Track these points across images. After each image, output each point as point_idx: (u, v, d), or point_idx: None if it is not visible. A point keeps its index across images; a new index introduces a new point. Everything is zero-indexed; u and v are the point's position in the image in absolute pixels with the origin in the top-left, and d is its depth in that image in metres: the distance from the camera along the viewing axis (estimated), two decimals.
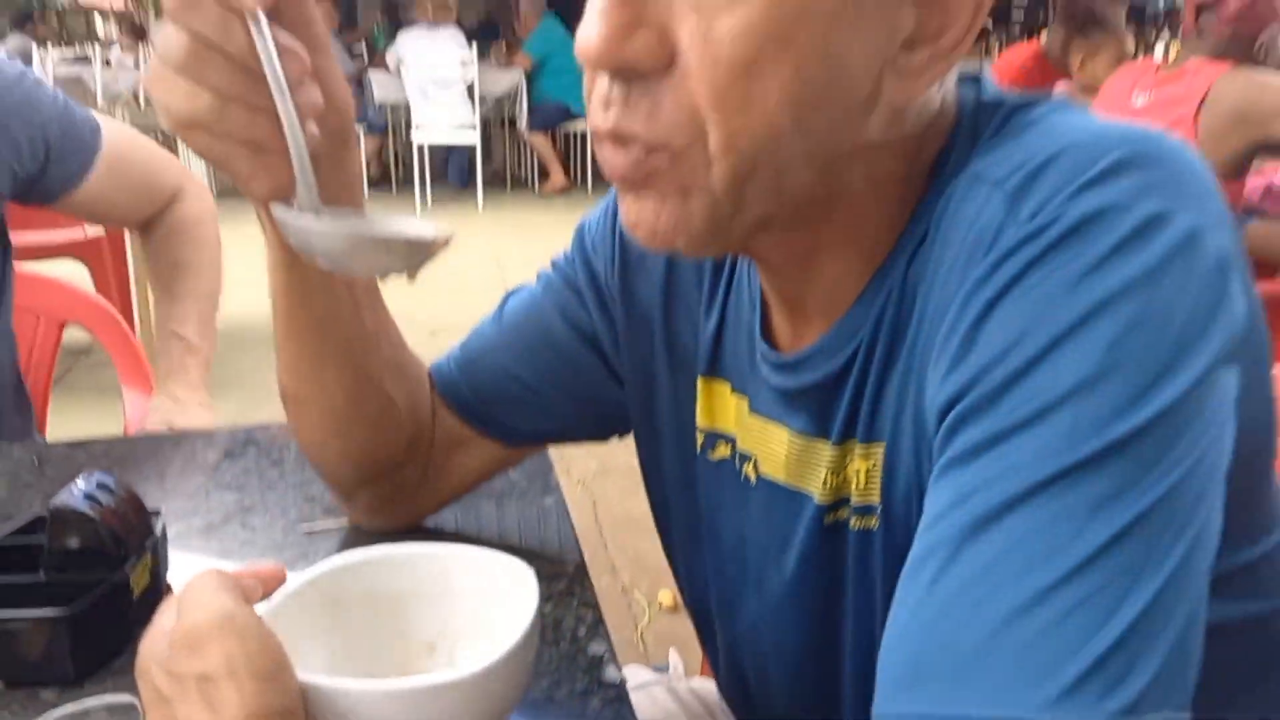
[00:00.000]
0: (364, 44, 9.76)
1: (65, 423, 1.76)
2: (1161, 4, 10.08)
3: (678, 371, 0.75)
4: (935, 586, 0.45)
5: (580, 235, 0.81)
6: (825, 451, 0.62)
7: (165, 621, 0.51)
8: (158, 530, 0.74)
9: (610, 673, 0.70)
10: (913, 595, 0.46)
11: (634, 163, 0.54)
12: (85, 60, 8.53)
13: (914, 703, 0.43)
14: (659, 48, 0.51)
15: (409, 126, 7.02)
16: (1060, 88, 3.28)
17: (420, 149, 6.91)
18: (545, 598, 0.75)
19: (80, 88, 7.75)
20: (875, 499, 0.59)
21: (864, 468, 0.60)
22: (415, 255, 0.59)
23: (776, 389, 0.65)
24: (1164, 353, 0.45)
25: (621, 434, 0.84)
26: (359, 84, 8.05)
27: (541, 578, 0.77)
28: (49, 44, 10.56)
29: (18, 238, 1.34)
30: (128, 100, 7.73)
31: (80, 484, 0.70)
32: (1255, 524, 0.58)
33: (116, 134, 1.34)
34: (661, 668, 1.00)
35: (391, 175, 8.21)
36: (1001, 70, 3.73)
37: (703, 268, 0.72)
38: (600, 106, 0.54)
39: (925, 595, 0.45)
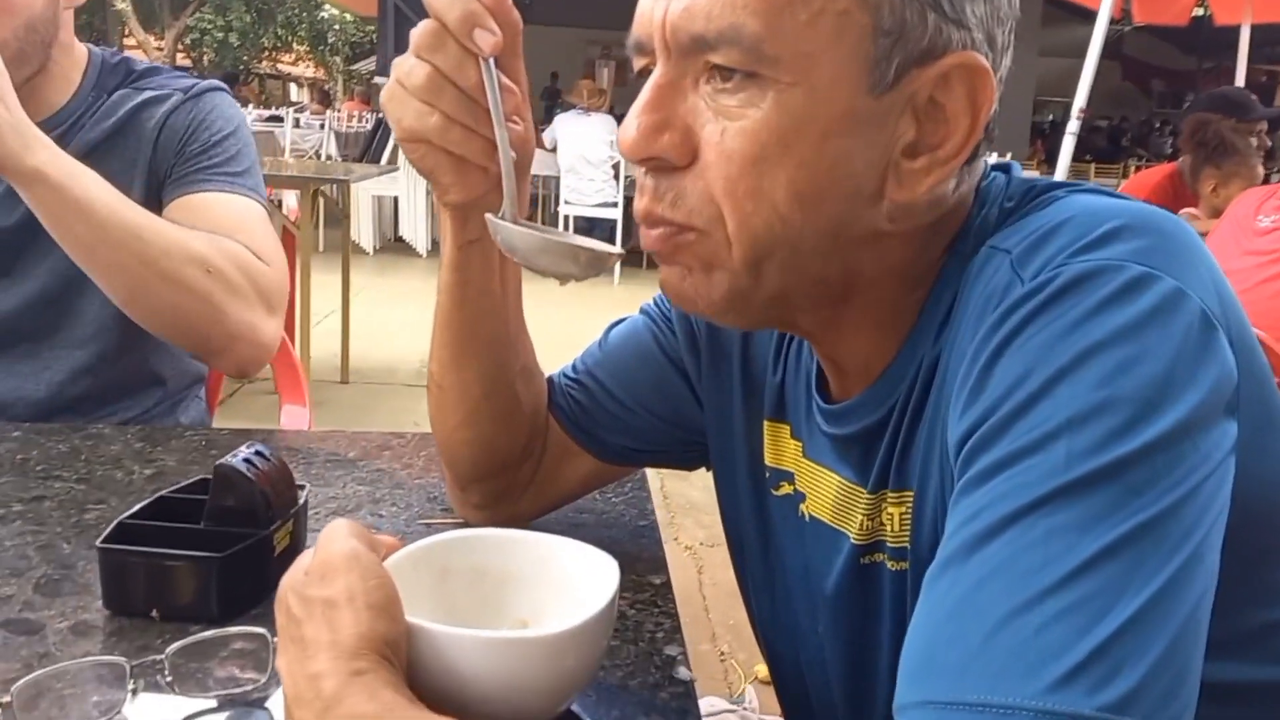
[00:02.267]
0: None
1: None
2: None
3: (750, 411, 0.83)
4: (946, 592, 0.50)
5: None
6: (862, 498, 0.69)
7: (303, 560, 0.60)
8: (301, 500, 0.84)
9: (681, 672, 0.75)
10: (928, 600, 0.51)
11: (661, 237, 0.65)
12: (279, 120, 9.21)
13: (924, 692, 0.49)
14: (683, 146, 0.62)
15: (558, 199, 7.51)
16: (1189, 211, 3.28)
17: (566, 219, 7.22)
18: (630, 604, 0.83)
19: (272, 142, 8.39)
20: (908, 543, 0.66)
21: (897, 514, 0.67)
22: (592, 263, 0.71)
23: (827, 435, 0.73)
24: (1151, 391, 0.50)
25: (707, 466, 0.91)
26: None
27: (628, 587, 0.85)
28: (250, 104, 11.44)
29: None
30: (309, 155, 8.30)
31: (243, 451, 0.81)
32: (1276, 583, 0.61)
33: (249, 205, 1.30)
34: (739, 700, 1.05)
35: None
36: (1133, 189, 3.73)
37: None
38: (638, 193, 0.66)
39: (938, 600, 0.51)
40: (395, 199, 8.29)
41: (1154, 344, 0.51)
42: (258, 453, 0.82)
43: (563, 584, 0.69)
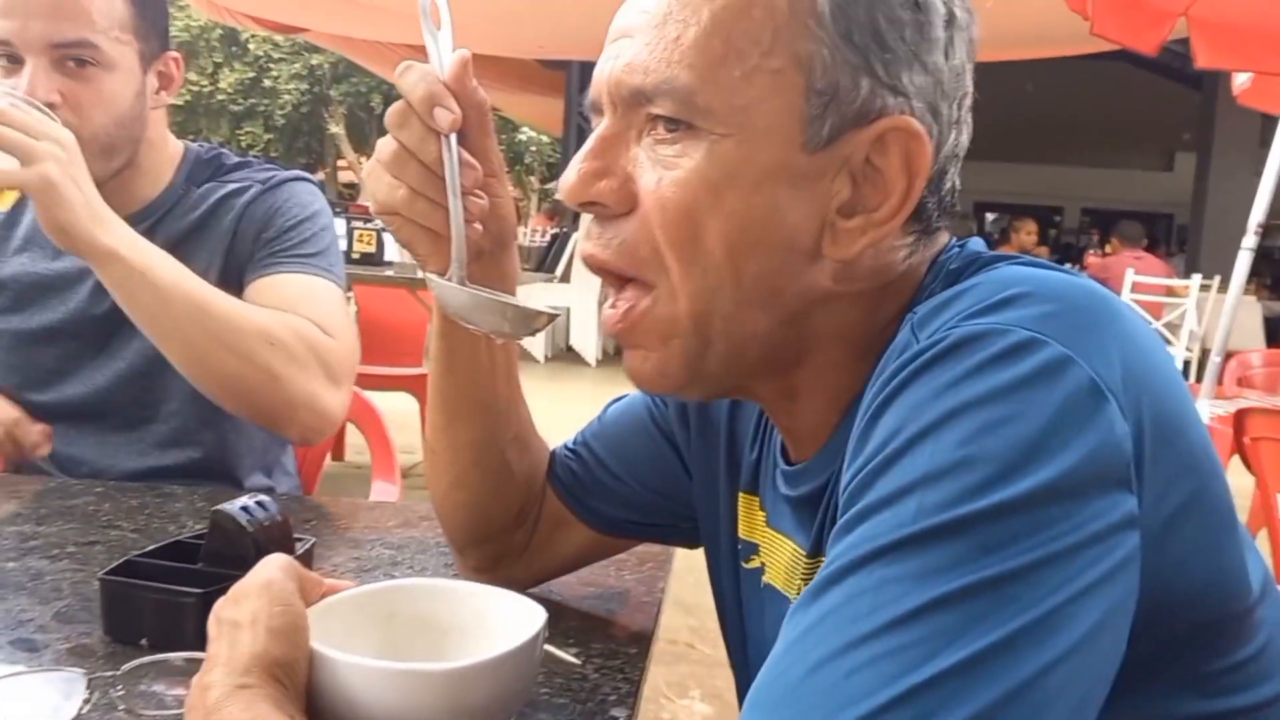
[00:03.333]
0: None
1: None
2: None
3: (731, 484, 0.84)
4: (787, 633, 0.51)
5: None
6: (802, 562, 0.70)
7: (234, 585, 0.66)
8: (298, 552, 0.90)
9: None
10: (779, 641, 0.52)
11: (623, 314, 0.67)
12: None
13: None
14: (620, 192, 0.66)
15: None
16: None
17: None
18: (597, 669, 0.84)
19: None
20: None
21: None
22: (521, 321, 0.76)
23: (785, 499, 0.73)
24: (1013, 454, 0.49)
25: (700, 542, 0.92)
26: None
27: (600, 653, 0.86)
28: None
29: (369, 371, 1.53)
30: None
31: (243, 500, 0.88)
32: (1231, 675, 0.57)
33: (322, 284, 1.36)
34: None
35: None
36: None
37: None
38: (584, 238, 0.69)
39: (781, 639, 0.51)
40: (568, 309, 8.61)
41: (1025, 408, 0.50)
42: (258, 503, 0.88)
43: (497, 634, 0.71)
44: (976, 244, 0.69)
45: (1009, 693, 0.45)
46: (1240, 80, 5.45)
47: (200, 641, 0.80)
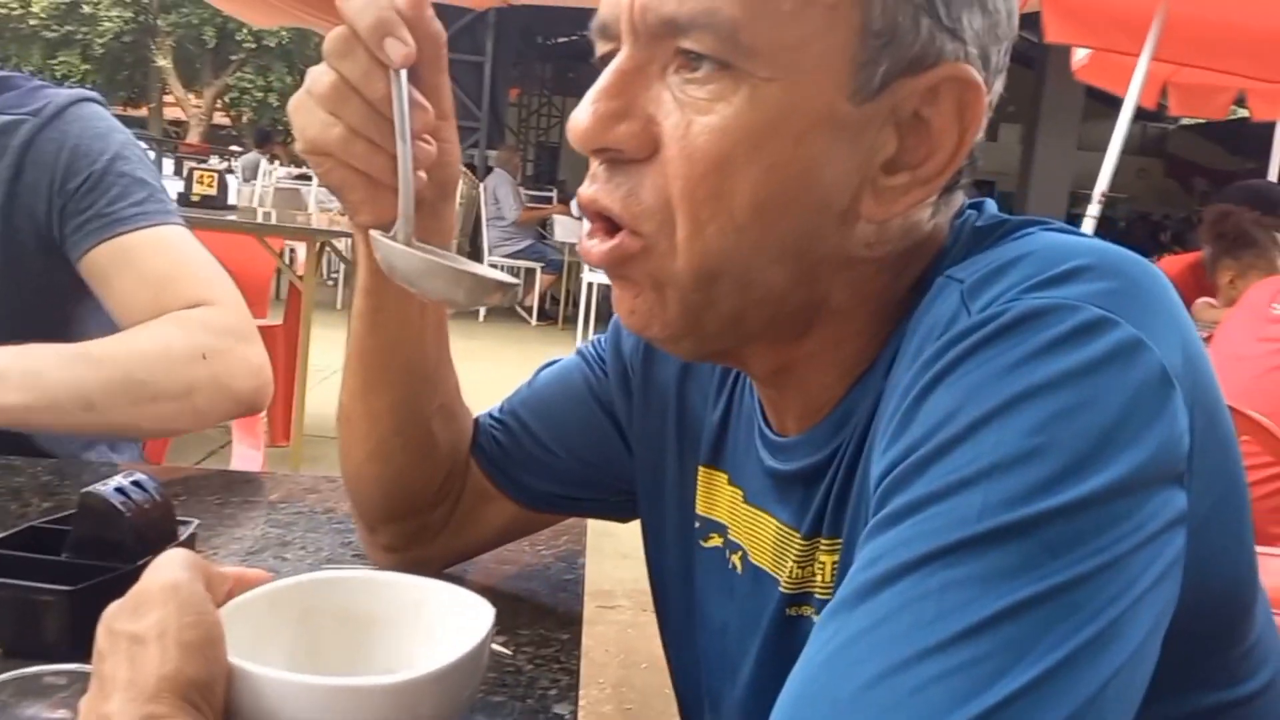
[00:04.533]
0: (555, 189, 10.49)
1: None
2: None
3: (684, 457, 0.77)
4: (829, 639, 0.45)
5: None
6: (795, 542, 0.64)
7: (130, 590, 0.55)
8: (181, 536, 0.78)
9: None
10: (811, 647, 0.46)
11: (608, 250, 0.59)
12: (307, 179, 9.35)
13: None
14: (641, 136, 0.57)
15: (582, 266, 7.42)
16: (1206, 300, 3.26)
17: (590, 286, 7.19)
18: (530, 659, 0.76)
19: (297, 199, 8.49)
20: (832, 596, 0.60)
21: (829, 563, 0.62)
22: (476, 292, 0.66)
23: (768, 471, 0.67)
24: (1086, 446, 0.44)
25: (636, 516, 0.85)
26: (543, 225, 8.55)
27: (533, 641, 0.79)
28: (279, 162, 11.65)
29: None
30: (334, 217, 8.41)
31: (116, 480, 0.76)
32: (1235, 667, 0.55)
33: (170, 233, 1.22)
34: None
35: (560, 310, 8.55)
36: None
37: None
38: (588, 180, 0.60)
39: (819, 647, 0.45)
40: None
41: (1100, 393, 0.46)
42: (135, 483, 0.76)
43: (433, 630, 0.63)
44: (991, 204, 0.63)
45: (1080, 709, 0.41)
46: (1079, 56, 5.71)
47: (71, 650, 0.70)
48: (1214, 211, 3.28)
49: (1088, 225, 4.13)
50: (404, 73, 0.64)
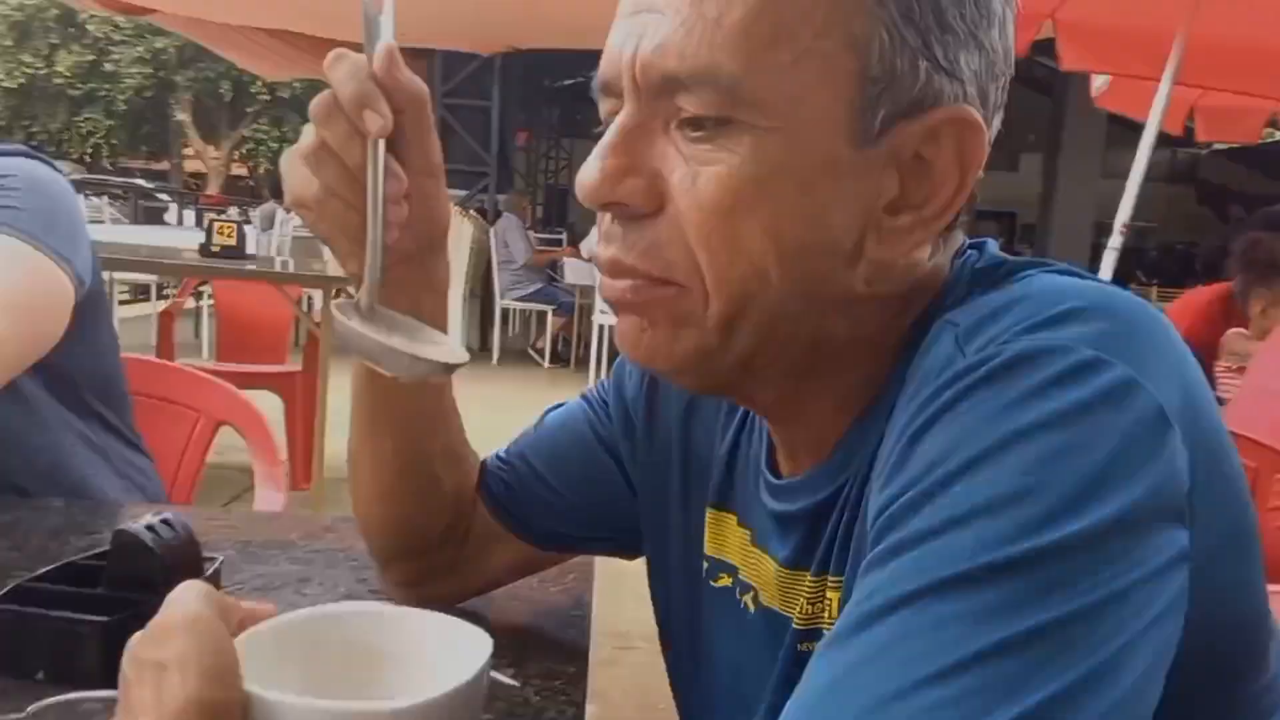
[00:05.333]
0: (565, 231, 10.58)
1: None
2: None
3: (690, 497, 0.79)
4: (824, 671, 0.46)
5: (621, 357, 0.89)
6: (804, 581, 0.65)
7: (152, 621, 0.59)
8: (207, 571, 0.83)
9: None
10: (806, 679, 0.47)
11: (632, 289, 0.61)
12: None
13: None
14: (649, 191, 0.59)
15: (593, 308, 7.56)
16: (1238, 331, 3.17)
17: (601, 328, 7.26)
18: (537, 691, 0.80)
19: (313, 247, 8.62)
20: None
21: (834, 599, 0.63)
22: (417, 368, 0.69)
23: (771, 513, 0.69)
24: (1078, 485, 0.45)
25: (642, 554, 0.88)
26: (553, 268, 8.65)
27: (539, 674, 0.83)
28: (293, 211, 11.81)
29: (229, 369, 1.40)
30: None
31: (147, 518, 0.80)
32: (1249, 705, 0.56)
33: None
34: None
35: (572, 352, 8.61)
36: (1180, 308, 3.60)
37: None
38: (603, 240, 0.62)
39: (815, 679, 0.47)
40: None
41: (1093, 434, 0.47)
42: (165, 521, 0.81)
43: (435, 662, 0.66)
44: (993, 245, 0.65)
45: None
46: (1099, 83, 5.59)
47: (108, 677, 0.74)
48: (1244, 240, 3.18)
49: (1108, 257, 3.86)
50: (381, 143, 0.67)
